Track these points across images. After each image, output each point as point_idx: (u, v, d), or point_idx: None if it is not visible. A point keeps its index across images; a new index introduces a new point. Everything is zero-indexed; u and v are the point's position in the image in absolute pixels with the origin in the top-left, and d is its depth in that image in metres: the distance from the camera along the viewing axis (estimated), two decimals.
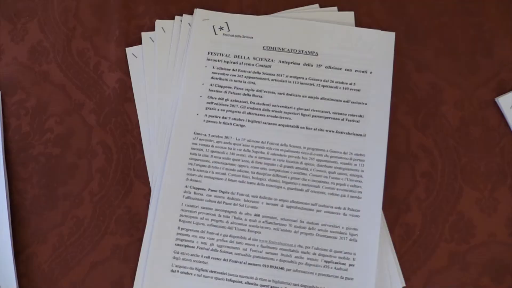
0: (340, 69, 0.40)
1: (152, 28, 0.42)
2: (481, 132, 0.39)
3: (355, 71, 0.40)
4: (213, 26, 0.41)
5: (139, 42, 0.42)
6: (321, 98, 0.39)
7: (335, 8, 0.41)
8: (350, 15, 0.41)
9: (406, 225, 0.38)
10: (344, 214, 0.37)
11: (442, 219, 0.38)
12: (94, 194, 0.39)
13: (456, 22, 0.41)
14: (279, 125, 0.39)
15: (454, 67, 0.41)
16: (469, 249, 0.37)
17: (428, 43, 0.41)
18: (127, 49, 0.41)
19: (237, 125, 0.39)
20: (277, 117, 0.39)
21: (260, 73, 0.40)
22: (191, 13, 0.41)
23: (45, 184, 0.39)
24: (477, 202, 0.38)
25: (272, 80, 0.40)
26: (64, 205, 0.39)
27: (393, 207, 0.38)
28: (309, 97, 0.39)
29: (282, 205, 0.38)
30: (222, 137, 0.39)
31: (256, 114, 0.39)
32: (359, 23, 0.41)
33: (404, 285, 0.37)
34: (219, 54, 0.41)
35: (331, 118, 0.39)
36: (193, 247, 0.37)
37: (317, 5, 0.42)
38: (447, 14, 0.42)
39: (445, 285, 0.37)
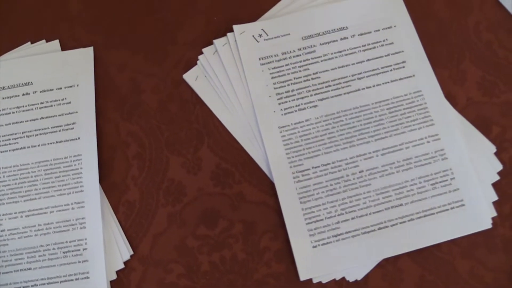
0: (52, 89, 0.47)
1: None
2: (178, 107, 0.46)
3: (65, 87, 0.47)
4: None
5: None
6: (40, 118, 0.46)
7: (43, 40, 0.48)
8: (55, 44, 0.48)
9: (127, 203, 0.44)
10: (73, 208, 0.43)
11: (156, 189, 0.44)
12: None
13: (145, 21, 0.48)
14: (10, 150, 0.45)
15: (148, 59, 0.47)
16: (183, 207, 0.43)
17: (124, 46, 0.48)
18: None
19: None
20: (7, 144, 0.46)
21: None
22: None
23: None
24: (183, 165, 0.44)
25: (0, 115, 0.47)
26: None
27: (115, 191, 0.44)
28: (30, 120, 0.46)
29: (21, 216, 0.44)
30: None
31: None
32: (66, 47, 0.48)
33: (132, 253, 0.42)
34: None
35: (51, 132, 0.45)
36: None
37: (29, 42, 0.49)
38: (136, 16, 0.48)
39: (168, 243, 0.42)
